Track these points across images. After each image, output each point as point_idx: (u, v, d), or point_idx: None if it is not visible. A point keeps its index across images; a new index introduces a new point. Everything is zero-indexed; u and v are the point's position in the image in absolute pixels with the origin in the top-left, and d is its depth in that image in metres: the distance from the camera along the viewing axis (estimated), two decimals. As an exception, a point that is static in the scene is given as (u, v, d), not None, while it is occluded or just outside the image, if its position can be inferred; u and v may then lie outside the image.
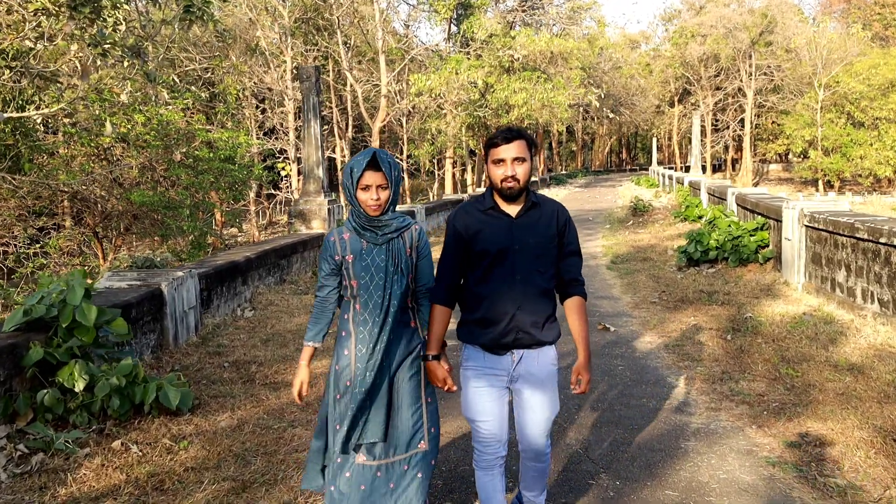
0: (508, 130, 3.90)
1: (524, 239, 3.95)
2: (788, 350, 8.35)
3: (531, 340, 3.99)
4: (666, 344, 9.09)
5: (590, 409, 6.80)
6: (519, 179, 3.89)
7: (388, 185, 3.98)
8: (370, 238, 4.03)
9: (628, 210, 29.01)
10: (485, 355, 4.04)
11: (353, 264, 4.04)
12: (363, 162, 3.95)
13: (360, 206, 3.99)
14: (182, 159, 18.90)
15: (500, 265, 3.96)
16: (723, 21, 55.71)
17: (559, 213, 4.09)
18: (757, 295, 11.62)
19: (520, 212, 3.98)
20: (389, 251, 4.06)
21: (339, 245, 4.08)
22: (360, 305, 4.05)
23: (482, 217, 4.01)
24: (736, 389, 7.15)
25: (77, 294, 6.29)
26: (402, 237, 4.12)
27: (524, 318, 3.95)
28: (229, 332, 9.54)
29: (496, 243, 3.95)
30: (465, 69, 32.77)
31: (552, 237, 4.02)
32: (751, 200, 15.78)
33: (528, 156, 3.95)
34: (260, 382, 7.40)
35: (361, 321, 4.04)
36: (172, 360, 8.09)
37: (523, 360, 4.02)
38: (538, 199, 4.08)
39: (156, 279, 8.48)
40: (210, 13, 16.19)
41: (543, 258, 4.00)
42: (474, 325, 4.04)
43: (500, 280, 3.97)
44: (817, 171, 46.64)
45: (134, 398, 6.11)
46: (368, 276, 4.02)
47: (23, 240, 17.50)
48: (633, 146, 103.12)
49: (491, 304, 3.98)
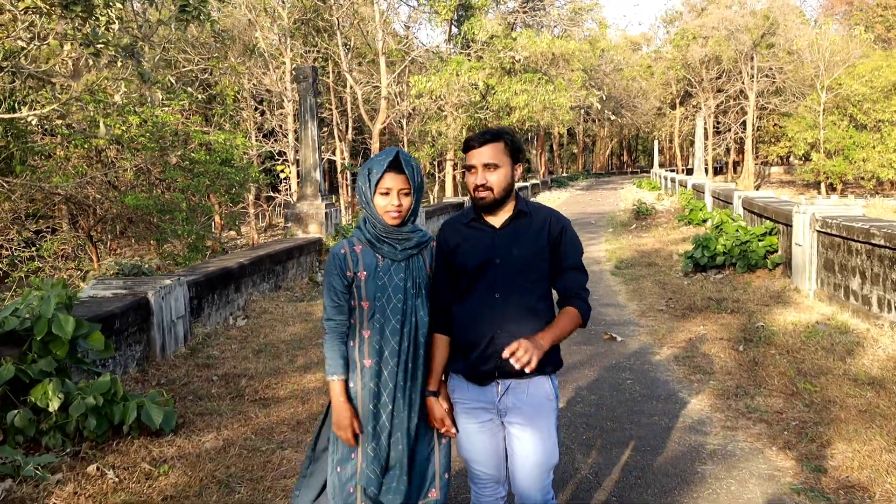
0: (484, 133, 3.47)
1: (507, 252, 3.49)
2: (804, 362, 7.97)
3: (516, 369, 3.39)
4: (676, 355, 8.71)
5: (598, 427, 6.40)
6: (492, 188, 3.44)
7: (410, 190, 3.52)
8: (388, 253, 3.54)
9: (631, 213, 28.62)
10: (468, 386, 3.55)
11: (366, 283, 3.52)
12: (384, 162, 3.48)
13: (377, 213, 3.51)
14: (178, 162, 18.55)
15: (480, 282, 3.50)
16: (724, 23, 55.33)
17: (552, 223, 3.57)
18: (767, 302, 11.24)
19: (505, 222, 3.53)
20: (409, 269, 3.58)
21: (350, 259, 3.56)
22: (369, 331, 3.53)
23: (463, 230, 3.57)
24: (752, 406, 6.76)
25: (50, 305, 5.90)
26: (422, 254, 3.65)
27: (506, 341, 3.35)
28: (220, 343, 9.15)
29: (475, 257, 3.50)
30: (466, 71, 32.42)
31: (541, 249, 3.52)
32: (758, 204, 15.41)
33: (507, 160, 3.48)
34: (249, 398, 7.01)
35: (373, 351, 3.53)
36: (159, 374, 7.71)
37: (510, 391, 3.49)
38: (529, 207, 3.59)
39: (142, 287, 8.10)
40: (206, 13, 15.85)
41: (530, 273, 3.50)
42: (455, 351, 3.58)
43: (479, 298, 3.50)
44: (819, 174, 46.28)
45: (112, 418, 5.72)
46: (385, 297, 3.52)
47: (17, 243, 17.16)
48: (635, 149, 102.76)
49: (469, 325, 3.51)
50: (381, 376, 3.53)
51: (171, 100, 18.55)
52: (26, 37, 13.15)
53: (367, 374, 3.54)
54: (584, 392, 7.40)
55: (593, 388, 7.54)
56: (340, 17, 32.64)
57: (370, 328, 3.54)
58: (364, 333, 3.56)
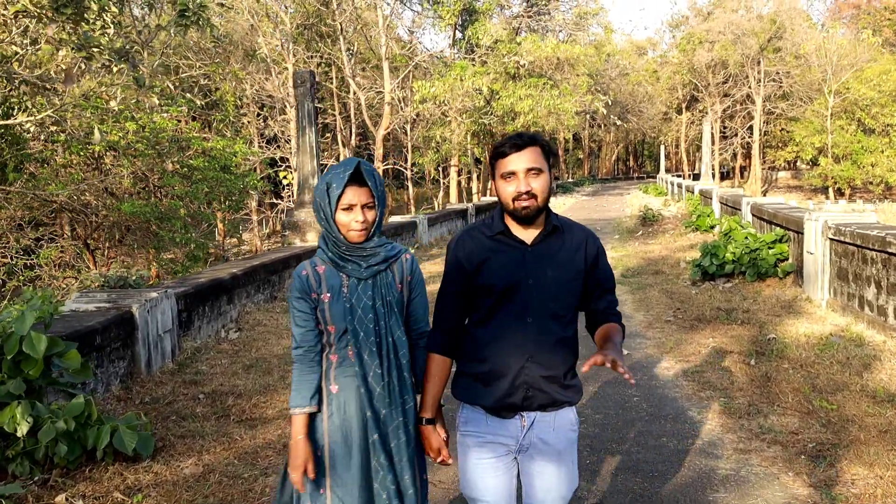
0: (518, 136, 3.10)
1: (540, 272, 3.14)
2: (819, 377, 7.61)
3: (545, 400, 3.16)
4: (685, 370, 8.34)
5: (604, 451, 6.04)
6: (536, 195, 3.07)
7: (374, 203, 3.19)
8: (352, 271, 3.22)
9: (637, 219, 28.25)
10: (487, 419, 3.20)
11: (329, 305, 3.20)
12: (344, 176, 3.15)
13: (339, 231, 3.18)
14: (176, 168, 18.25)
15: (508, 304, 3.14)
16: (731, 27, 54.98)
17: (588, 243, 3.25)
18: (778, 313, 10.88)
19: (537, 238, 3.16)
20: (377, 287, 3.25)
21: (313, 279, 3.23)
22: (337, 356, 3.21)
23: (489, 244, 3.17)
24: (766, 426, 6.39)
25: (26, 322, 5.55)
26: (392, 269, 3.32)
27: (536, 371, 3.11)
28: (210, 357, 8.80)
29: (504, 277, 3.13)
30: (470, 76, 32.12)
31: (577, 273, 3.20)
32: (768, 211, 15.03)
33: (546, 166, 3.13)
34: (235, 418, 6.65)
35: (343, 379, 3.21)
36: (143, 391, 7.36)
37: (535, 425, 3.18)
38: (561, 222, 3.24)
39: (126, 301, 7.76)
40: (206, 18, 15.56)
41: (564, 297, 3.17)
42: (473, 379, 3.22)
43: (508, 322, 3.14)
44: (827, 179, 45.98)
45: (85, 442, 5.36)
46: (355, 319, 3.19)
47: (15, 251, 16.88)
48: (641, 154, 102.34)
49: (494, 352, 3.15)
50: (368, 405, 3.20)
51: (169, 105, 18.26)
52: (20, 41, 12.88)
53: (335, 402, 3.22)
54: (589, 411, 7.04)
55: (598, 406, 7.18)
56: (343, 22, 32.37)
57: (338, 353, 3.23)
58: (331, 358, 3.24)
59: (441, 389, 3.29)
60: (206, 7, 14.90)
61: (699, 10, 66.52)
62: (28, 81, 13.34)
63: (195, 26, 14.98)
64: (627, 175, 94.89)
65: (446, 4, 36.12)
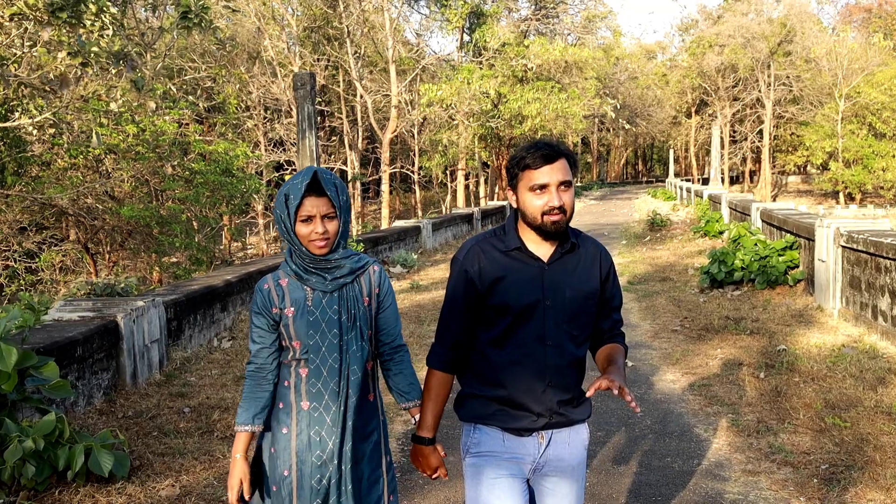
0: (547, 146, 2.91)
1: (558, 292, 2.97)
2: (831, 392, 7.29)
3: (563, 421, 3.02)
4: (691, 383, 8.02)
5: (604, 472, 5.73)
6: (567, 210, 2.91)
7: (335, 213, 2.99)
8: (317, 284, 3.03)
9: (645, 224, 27.90)
10: (504, 437, 3.01)
11: (294, 320, 3.02)
12: (301, 185, 2.95)
13: (300, 242, 3.00)
14: (176, 172, 18.02)
15: (525, 326, 2.96)
16: (741, 31, 54.55)
17: (602, 259, 3.10)
18: (788, 322, 10.56)
19: (554, 255, 2.98)
20: (343, 300, 3.06)
21: (275, 294, 3.05)
22: (306, 371, 3.04)
23: (503, 260, 2.97)
24: (776, 445, 6.07)
25: None
26: (358, 281, 3.12)
27: (555, 397, 2.99)
28: (200, 368, 8.52)
29: (521, 297, 2.94)
30: (478, 79, 31.83)
31: (593, 292, 3.04)
32: (778, 217, 14.70)
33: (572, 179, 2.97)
34: (219, 434, 6.35)
35: (311, 393, 3.04)
36: (127, 404, 7.08)
37: (553, 443, 3.03)
38: (576, 236, 3.06)
39: (111, 310, 7.48)
40: (208, 20, 15.33)
41: (580, 318, 3.02)
42: (490, 401, 3.03)
43: (526, 346, 2.97)
44: (838, 184, 45.53)
45: (56, 462, 5.07)
46: (319, 334, 3.02)
47: (18, 255, 16.70)
48: (649, 158, 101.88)
49: (512, 379, 2.98)
50: (324, 423, 3.03)
51: (170, 108, 18.03)
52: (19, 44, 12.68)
53: (306, 419, 3.04)
54: (591, 427, 6.71)
55: (600, 422, 6.88)
56: (350, 25, 32.13)
57: (308, 369, 3.05)
58: (301, 372, 3.06)
59: (442, 408, 3.11)
60: (208, 9, 14.67)
61: (709, 13, 66.15)
62: (27, 84, 13.14)
63: (198, 28, 14.76)
64: (636, 179, 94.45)
65: (454, 7, 35.89)
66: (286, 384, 3.07)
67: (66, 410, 6.42)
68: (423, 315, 11.89)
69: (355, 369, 3.06)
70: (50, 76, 13.66)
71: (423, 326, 10.87)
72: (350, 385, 3.05)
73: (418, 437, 3.10)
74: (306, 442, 3.02)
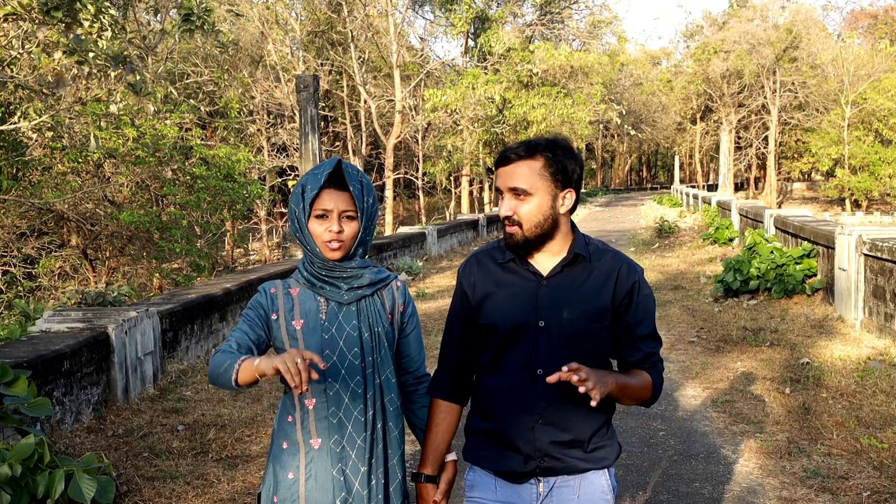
0: (519, 145, 2.50)
1: (554, 312, 2.48)
2: (862, 409, 6.89)
3: (565, 468, 2.53)
4: (713, 399, 7.61)
5: (628, 498, 5.32)
6: (520, 223, 2.46)
7: (356, 213, 2.54)
8: (331, 294, 2.57)
9: (653, 231, 27.51)
10: (497, 483, 2.58)
11: (304, 335, 2.54)
12: (322, 176, 2.52)
13: (313, 242, 2.55)
14: (177, 176, 17.68)
15: (515, 350, 2.52)
16: (746, 37, 54.18)
17: (622, 275, 2.56)
18: (809, 333, 10.15)
19: (555, 268, 2.52)
20: (362, 315, 2.60)
21: (281, 300, 2.59)
22: (315, 401, 2.54)
23: (498, 274, 2.57)
24: (810, 469, 5.66)
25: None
26: (381, 295, 2.67)
27: (549, 436, 2.50)
28: (196, 381, 8.11)
29: (510, 316, 2.50)
30: (482, 84, 31.48)
31: (600, 312, 2.51)
32: (794, 224, 14.29)
33: (547, 185, 2.46)
34: (214, 456, 5.93)
35: (329, 426, 2.54)
36: (118, 421, 6.69)
37: (555, 492, 2.55)
38: (589, 249, 2.57)
39: (102, 320, 7.09)
40: (211, 23, 14.98)
41: (583, 343, 2.50)
42: (482, 438, 2.61)
43: (513, 374, 2.52)
44: (844, 190, 45.15)
45: (35, 489, 4.68)
46: (336, 353, 2.53)
47: (17, 261, 16.36)
48: (654, 164, 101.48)
49: (499, 410, 2.54)
50: (348, 460, 2.55)
51: (170, 111, 17.67)
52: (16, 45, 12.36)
53: (320, 459, 2.54)
54: (610, 447, 6.31)
55: (621, 442, 6.46)
56: (354, 30, 31.82)
57: (316, 396, 2.55)
58: (307, 404, 2.56)
59: (444, 441, 2.67)
60: (211, 11, 14.36)
61: (714, 19, 65.84)
62: (24, 85, 12.79)
63: (200, 31, 14.44)
64: (641, 186, 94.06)
65: (458, 12, 35.58)
66: (289, 419, 2.60)
67: (52, 429, 6.03)
68: (430, 325, 11.49)
69: (392, 398, 2.65)
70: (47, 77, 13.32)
71: (429, 337, 10.48)
72: (388, 416, 2.63)
73: (416, 475, 2.67)
74: (324, 485, 2.54)
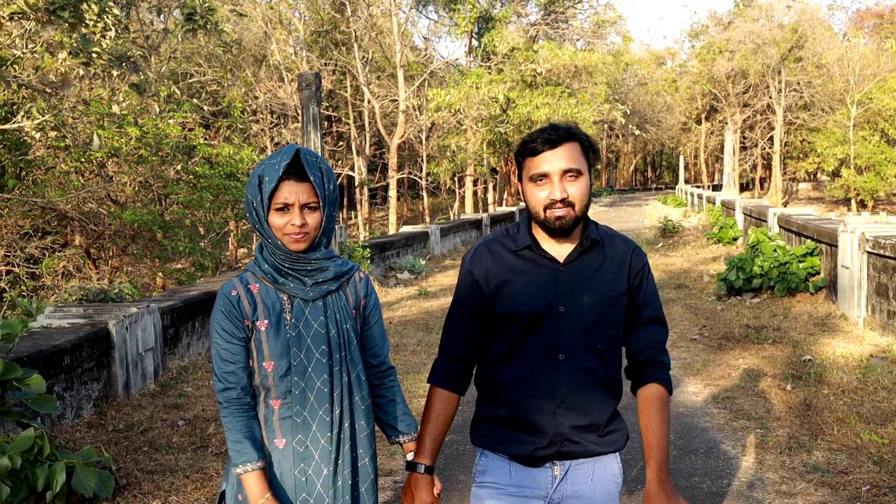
0: (553, 129, 2.50)
1: (574, 297, 2.54)
2: (864, 405, 6.88)
3: (581, 451, 2.58)
4: (714, 395, 7.61)
5: (628, 494, 5.32)
6: (574, 204, 2.49)
7: (318, 203, 2.49)
8: (295, 290, 2.52)
9: (657, 231, 27.48)
10: (511, 467, 2.60)
11: (268, 336, 2.50)
12: (280, 166, 2.45)
13: (275, 235, 2.49)
14: (180, 175, 17.71)
15: (535, 336, 2.54)
16: (751, 36, 54.03)
17: (633, 259, 2.66)
18: (812, 331, 10.13)
19: (571, 254, 2.56)
20: (329, 311, 2.56)
21: (246, 303, 2.51)
22: (281, 402, 2.51)
23: (512, 261, 2.58)
24: (810, 463, 5.65)
25: (-21, 342, 4.92)
26: (345, 290, 2.63)
27: (569, 420, 2.54)
28: (197, 378, 8.12)
29: (530, 303, 2.53)
30: (486, 84, 31.45)
31: (619, 297, 2.59)
32: (797, 222, 14.26)
33: (586, 166, 2.53)
34: (214, 450, 5.94)
35: (293, 425, 2.51)
36: (119, 416, 6.70)
37: (570, 476, 2.59)
38: (601, 233, 2.65)
39: (103, 316, 7.10)
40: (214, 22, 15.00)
41: (603, 328, 2.57)
42: (496, 424, 2.61)
43: (534, 360, 2.55)
44: (850, 190, 45.03)
45: (35, 482, 4.68)
46: (304, 352, 2.50)
47: (20, 260, 16.40)
48: (659, 164, 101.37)
49: (518, 396, 2.56)
50: (311, 460, 2.51)
51: (173, 111, 17.70)
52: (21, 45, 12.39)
53: (283, 458, 2.52)
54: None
55: (620, 437, 6.46)
56: (358, 30, 31.83)
57: (281, 396, 2.51)
58: (272, 404, 2.52)
59: (443, 431, 2.66)
60: (214, 11, 14.39)
61: (719, 19, 65.67)
62: (27, 85, 12.82)
63: (203, 31, 14.47)
64: (645, 186, 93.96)
65: (462, 12, 35.57)
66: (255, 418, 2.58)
67: (52, 423, 6.05)
68: (432, 322, 11.49)
69: (362, 396, 2.62)
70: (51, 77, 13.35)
71: (431, 334, 10.48)
72: (356, 414, 2.60)
73: (412, 464, 2.65)
74: (288, 485, 2.51)
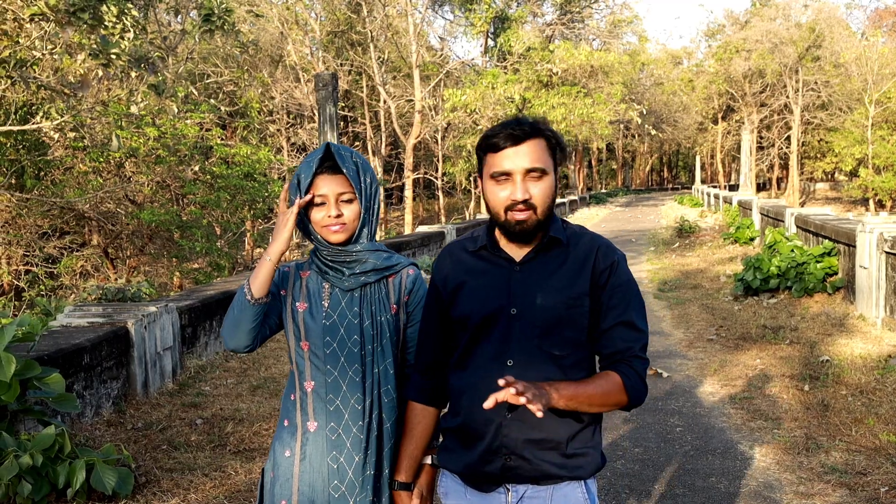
0: (518, 123, 2.32)
1: (527, 298, 2.36)
2: (882, 406, 6.85)
3: (535, 472, 2.35)
4: (731, 395, 7.59)
5: (643, 492, 5.32)
6: (536, 206, 2.32)
7: (354, 195, 2.54)
8: (335, 280, 2.58)
9: (673, 231, 27.41)
10: (466, 491, 2.46)
11: (305, 317, 2.56)
12: (313, 162, 2.52)
13: (316, 232, 2.56)
14: (197, 176, 17.78)
15: (486, 341, 2.39)
16: (768, 36, 53.80)
17: (599, 257, 2.41)
18: (829, 331, 10.08)
19: (528, 254, 2.40)
20: (365, 302, 2.58)
21: (292, 279, 2.64)
22: (314, 384, 2.56)
23: (470, 262, 2.47)
24: (828, 464, 5.64)
25: (2, 340, 4.96)
26: (386, 283, 2.65)
27: (516, 432, 2.33)
28: (215, 377, 8.17)
29: (481, 304, 2.39)
30: (502, 84, 31.45)
31: (577, 297, 2.37)
32: (814, 222, 14.20)
33: (552, 164, 2.35)
34: (232, 448, 5.98)
35: (325, 412, 2.55)
36: (137, 415, 6.74)
37: (525, 502, 2.39)
38: (566, 233, 2.44)
39: (122, 315, 7.15)
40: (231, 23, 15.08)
41: (559, 331, 2.36)
42: (451, 435, 2.49)
43: (482, 367, 2.38)
44: (868, 190, 44.77)
45: (56, 479, 4.73)
46: (337, 339, 2.54)
47: (39, 260, 16.51)
48: (675, 164, 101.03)
49: (467, 405, 2.40)
50: (343, 448, 2.55)
51: (190, 111, 17.78)
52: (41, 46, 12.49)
53: (315, 443, 2.56)
54: (627, 443, 6.31)
55: (637, 438, 6.46)
56: (374, 30, 31.89)
57: (315, 380, 2.57)
58: (306, 386, 2.58)
59: (419, 446, 2.59)
60: (231, 11, 14.45)
61: (736, 18, 65.45)
62: (46, 86, 12.92)
63: (220, 31, 14.53)
64: (662, 186, 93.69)
65: (478, 12, 35.60)
66: (291, 398, 2.64)
67: (72, 422, 6.10)
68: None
69: (387, 389, 2.62)
70: (69, 78, 13.44)
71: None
72: (382, 407, 2.60)
73: (391, 482, 2.59)
74: (319, 469, 2.55)
